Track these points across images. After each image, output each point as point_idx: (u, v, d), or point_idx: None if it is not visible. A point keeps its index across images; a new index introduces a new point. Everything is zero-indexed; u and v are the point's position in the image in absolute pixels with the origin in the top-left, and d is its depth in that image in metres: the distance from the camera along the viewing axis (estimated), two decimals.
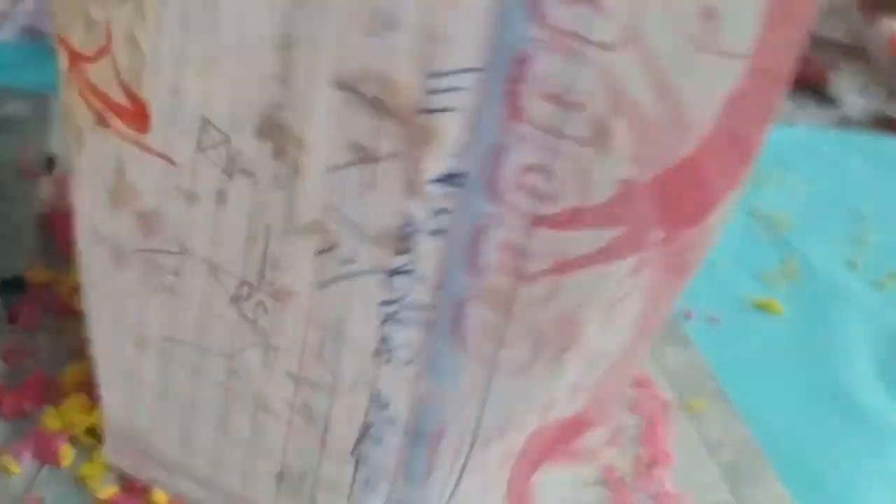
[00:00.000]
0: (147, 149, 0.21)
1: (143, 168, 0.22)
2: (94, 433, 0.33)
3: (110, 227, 0.24)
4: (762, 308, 0.44)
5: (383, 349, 0.21)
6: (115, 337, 0.26)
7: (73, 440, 0.33)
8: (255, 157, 0.20)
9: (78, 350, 0.36)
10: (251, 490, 0.25)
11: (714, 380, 0.39)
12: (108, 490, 0.31)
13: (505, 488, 0.21)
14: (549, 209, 0.18)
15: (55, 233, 0.42)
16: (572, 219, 0.18)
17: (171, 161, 0.21)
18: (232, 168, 0.20)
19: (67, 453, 0.32)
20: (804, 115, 0.65)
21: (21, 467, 0.31)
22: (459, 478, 0.21)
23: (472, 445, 0.21)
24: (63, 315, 0.38)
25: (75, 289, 0.38)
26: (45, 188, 0.44)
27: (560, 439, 0.20)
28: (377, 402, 0.21)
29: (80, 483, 0.31)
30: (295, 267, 0.21)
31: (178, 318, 0.24)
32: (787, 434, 0.37)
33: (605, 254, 0.18)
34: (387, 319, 0.20)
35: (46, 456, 0.32)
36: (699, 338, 0.41)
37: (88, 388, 0.34)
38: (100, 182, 0.23)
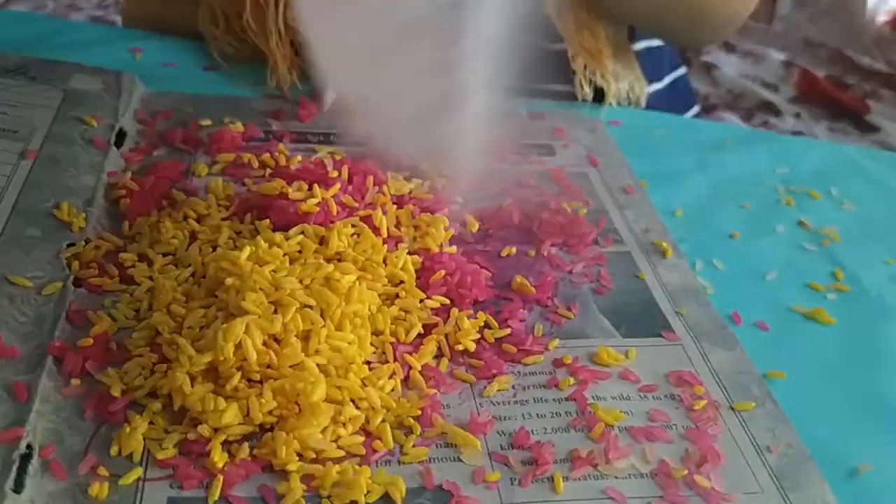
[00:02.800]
0: None
1: None
2: (155, 395, 0.33)
3: None
4: (810, 317, 0.44)
5: None
6: None
7: (134, 403, 0.33)
8: None
9: (140, 314, 0.37)
10: None
11: (762, 384, 0.39)
12: (168, 452, 0.32)
13: None
14: None
15: (122, 203, 0.42)
16: None
17: None
18: None
19: (129, 415, 0.33)
20: (845, 142, 0.65)
21: (81, 426, 0.32)
22: None
23: None
24: (126, 281, 0.38)
25: (139, 257, 0.39)
26: (114, 160, 0.45)
27: None
28: None
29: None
30: None
31: None
32: (833, 442, 0.37)
33: None
34: None
35: (106, 416, 0.33)
36: (746, 343, 0.41)
37: (151, 352, 0.35)
38: None
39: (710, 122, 0.78)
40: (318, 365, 0.34)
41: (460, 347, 0.38)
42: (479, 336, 0.38)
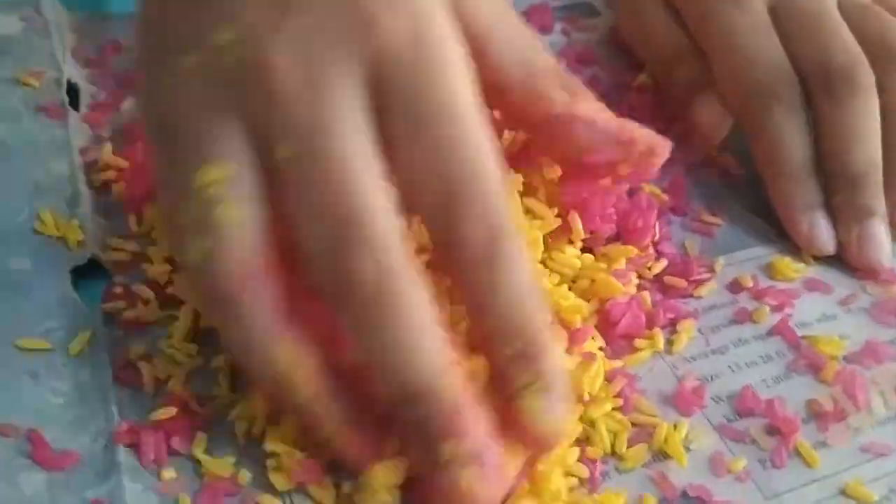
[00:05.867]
0: None
1: None
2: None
3: None
4: None
5: None
6: None
7: None
8: None
9: (207, 350, 0.27)
10: None
11: None
12: None
13: None
14: None
15: (115, 190, 0.31)
16: None
17: None
18: None
19: None
20: None
21: None
22: None
23: None
24: (172, 302, 0.28)
25: (169, 262, 0.29)
26: (77, 130, 0.33)
27: None
28: None
29: None
30: None
31: None
32: None
33: None
34: None
35: None
36: None
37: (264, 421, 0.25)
38: None
39: None
40: None
41: None
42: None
